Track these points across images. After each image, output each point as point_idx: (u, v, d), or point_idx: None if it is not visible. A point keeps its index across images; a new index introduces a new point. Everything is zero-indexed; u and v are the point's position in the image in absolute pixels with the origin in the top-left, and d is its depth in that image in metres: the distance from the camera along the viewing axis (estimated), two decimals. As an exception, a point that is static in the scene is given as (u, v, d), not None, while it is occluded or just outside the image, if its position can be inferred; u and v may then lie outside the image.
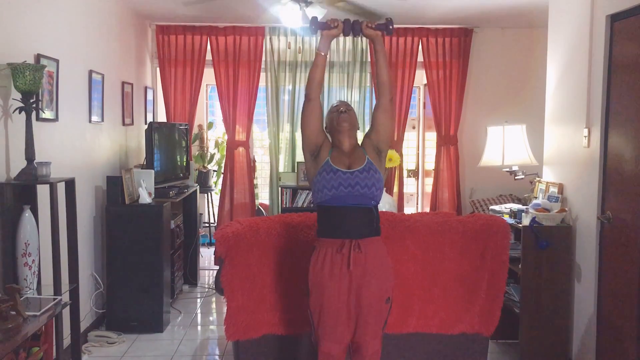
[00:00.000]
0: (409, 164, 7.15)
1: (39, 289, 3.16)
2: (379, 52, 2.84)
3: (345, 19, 2.81)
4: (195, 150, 7.33)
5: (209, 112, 8.04)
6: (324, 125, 2.92)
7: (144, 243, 4.46)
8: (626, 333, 3.33)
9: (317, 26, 2.81)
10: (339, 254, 2.70)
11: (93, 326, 4.43)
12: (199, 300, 5.39)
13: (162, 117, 6.37)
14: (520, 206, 4.30)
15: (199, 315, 5.04)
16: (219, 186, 6.48)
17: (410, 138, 7.17)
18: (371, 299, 2.74)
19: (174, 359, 4.05)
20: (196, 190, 5.88)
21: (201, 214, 7.09)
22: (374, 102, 6.12)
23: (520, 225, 3.94)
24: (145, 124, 5.77)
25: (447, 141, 6.23)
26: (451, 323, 3.43)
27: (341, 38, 6.15)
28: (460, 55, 6.16)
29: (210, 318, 5.05)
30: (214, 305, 5.28)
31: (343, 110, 2.86)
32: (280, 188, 6.23)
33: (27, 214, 3.07)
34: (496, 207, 4.47)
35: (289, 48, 6.16)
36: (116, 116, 5.07)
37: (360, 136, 2.96)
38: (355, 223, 2.72)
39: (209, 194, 7.42)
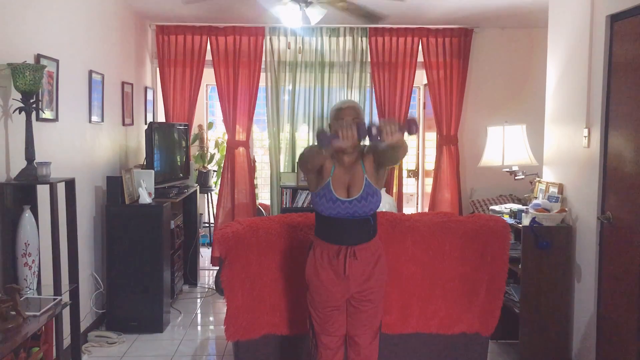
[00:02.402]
0: (409, 164, 7.14)
1: (39, 289, 3.16)
2: (400, 148, 2.58)
3: (360, 123, 2.48)
4: (195, 150, 7.33)
5: (209, 112, 8.03)
6: (329, 125, 2.86)
7: (144, 243, 4.47)
8: (626, 333, 3.33)
9: (328, 140, 2.48)
10: (335, 259, 2.78)
11: (93, 326, 4.43)
12: (199, 300, 5.39)
13: (162, 117, 6.37)
14: (520, 206, 4.30)
15: (199, 315, 5.04)
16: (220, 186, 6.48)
17: (410, 138, 7.16)
18: (367, 295, 2.83)
19: (174, 359, 4.05)
20: (196, 190, 5.88)
21: (201, 214, 7.09)
22: (374, 102, 6.20)
23: (520, 225, 3.94)
24: (145, 124, 5.77)
25: (448, 141, 6.22)
26: (451, 323, 3.44)
27: (341, 38, 6.15)
28: (460, 55, 6.16)
29: (210, 318, 5.05)
30: (214, 306, 5.27)
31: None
32: (280, 188, 6.23)
33: (27, 214, 3.08)
34: (496, 207, 4.47)
35: (289, 48, 6.16)
36: (116, 116, 5.07)
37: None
38: (352, 232, 2.80)
39: (209, 194, 7.42)
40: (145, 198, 4.56)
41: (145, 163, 5.16)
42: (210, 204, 7.40)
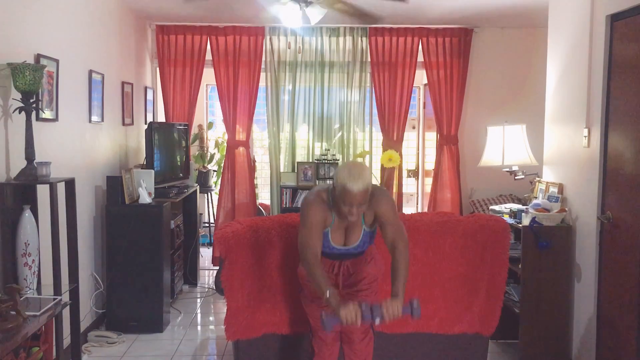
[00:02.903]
0: (409, 164, 7.15)
1: (39, 289, 3.16)
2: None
3: (364, 311, 2.48)
4: (195, 150, 7.32)
5: (209, 112, 8.04)
6: (333, 187, 2.78)
7: (144, 243, 4.46)
8: (626, 333, 3.33)
9: (331, 324, 2.55)
10: (330, 273, 2.91)
11: (93, 326, 4.43)
12: (199, 300, 5.39)
13: (162, 117, 6.37)
14: (520, 206, 4.30)
15: (199, 315, 5.04)
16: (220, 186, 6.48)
17: (410, 138, 7.17)
18: (359, 293, 2.92)
19: (174, 359, 4.05)
20: (196, 190, 5.88)
21: (201, 214, 7.09)
22: (374, 102, 6.20)
23: (520, 225, 3.94)
24: (145, 124, 5.76)
25: (448, 141, 6.22)
26: (451, 323, 3.44)
27: (341, 38, 6.15)
28: (461, 55, 6.15)
29: (210, 318, 5.05)
30: (214, 305, 5.27)
31: (355, 208, 2.67)
32: (280, 188, 6.23)
33: (27, 214, 3.08)
34: (496, 207, 4.47)
35: (289, 48, 6.16)
36: (116, 116, 5.07)
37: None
38: (347, 258, 2.94)
39: (209, 194, 7.42)
40: (145, 198, 4.56)
41: (145, 163, 5.16)
42: (210, 204, 7.40)
